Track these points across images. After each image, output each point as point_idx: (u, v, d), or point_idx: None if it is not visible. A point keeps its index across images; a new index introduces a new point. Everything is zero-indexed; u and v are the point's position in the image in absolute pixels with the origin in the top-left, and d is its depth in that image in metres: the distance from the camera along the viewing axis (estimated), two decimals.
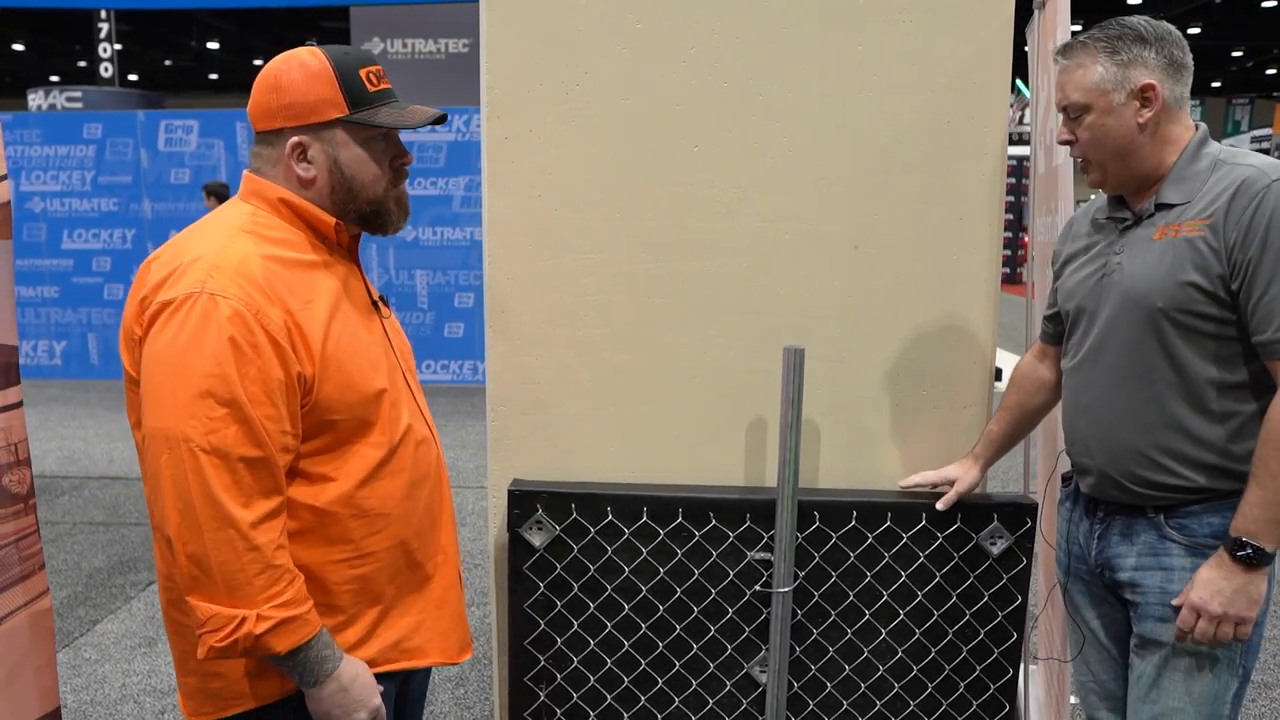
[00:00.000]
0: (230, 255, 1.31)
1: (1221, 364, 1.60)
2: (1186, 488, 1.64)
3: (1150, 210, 1.66)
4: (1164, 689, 1.68)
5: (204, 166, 7.70)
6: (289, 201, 1.41)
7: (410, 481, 1.46)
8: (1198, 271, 1.57)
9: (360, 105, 1.39)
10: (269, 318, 1.29)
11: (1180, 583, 1.66)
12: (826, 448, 2.08)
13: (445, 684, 3.13)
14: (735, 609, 2.03)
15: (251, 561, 1.25)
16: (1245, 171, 1.57)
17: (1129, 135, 1.63)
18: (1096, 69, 1.62)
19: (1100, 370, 1.71)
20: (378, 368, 1.43)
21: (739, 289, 2.03)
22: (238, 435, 1.25)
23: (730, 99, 1.97)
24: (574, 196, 2.01)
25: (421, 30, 11.43)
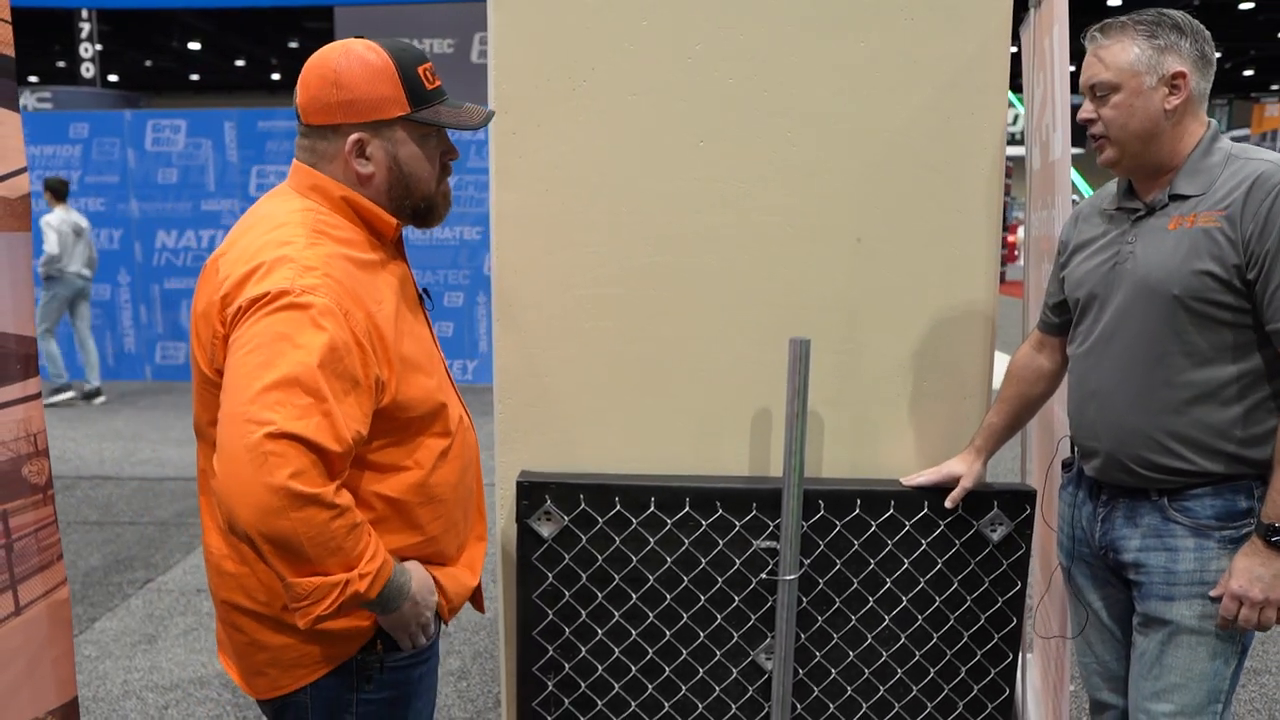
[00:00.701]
0: (314, 255, 1.31)
1: (1234, 352, 1.64)
2: (1193, 472, 1.68)
3: (1164, 201, 1.69)
4: (1166, 666, 1.72)
5: (192, 166, 7.68)
6: (352, 201, 1.41)
7: (462, 467, 1.51)
8: (1214, 261, 1.61)
9: (421, 103, 1.40)
10: (356, 319, 1.30)
11: (1184, 563, 1.70)
12: (830, 438, 2.12)
13: (448, 678, 3.14)
14: (741, 597, 2.06)
15: (340, 527, 1.26)
16: (1261, 166, 1.61)
17: (1154, 119, 1.66)
18: (1133, 49, 1.65)
19: (1111, 356, 1.74)
20: (435, 362, 1.48)
21: (744, 282, 2.06)
22: (319, 426, 1.24)
23: (734, 95, 2.01)
24: (580, 191, 2.04)
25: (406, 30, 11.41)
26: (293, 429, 1.22)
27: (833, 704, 2.11)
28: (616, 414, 2.11)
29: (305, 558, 1.25)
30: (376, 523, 1.39)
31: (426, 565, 1.49)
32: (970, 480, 2.00)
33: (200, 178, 7.65)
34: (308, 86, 1.39)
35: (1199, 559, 1.70)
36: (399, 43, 1.42)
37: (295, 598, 1.28)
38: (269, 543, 1.24)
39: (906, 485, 2.04)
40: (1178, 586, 1.71)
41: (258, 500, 1.22)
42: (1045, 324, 2.00)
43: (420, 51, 1.43)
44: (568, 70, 2.01)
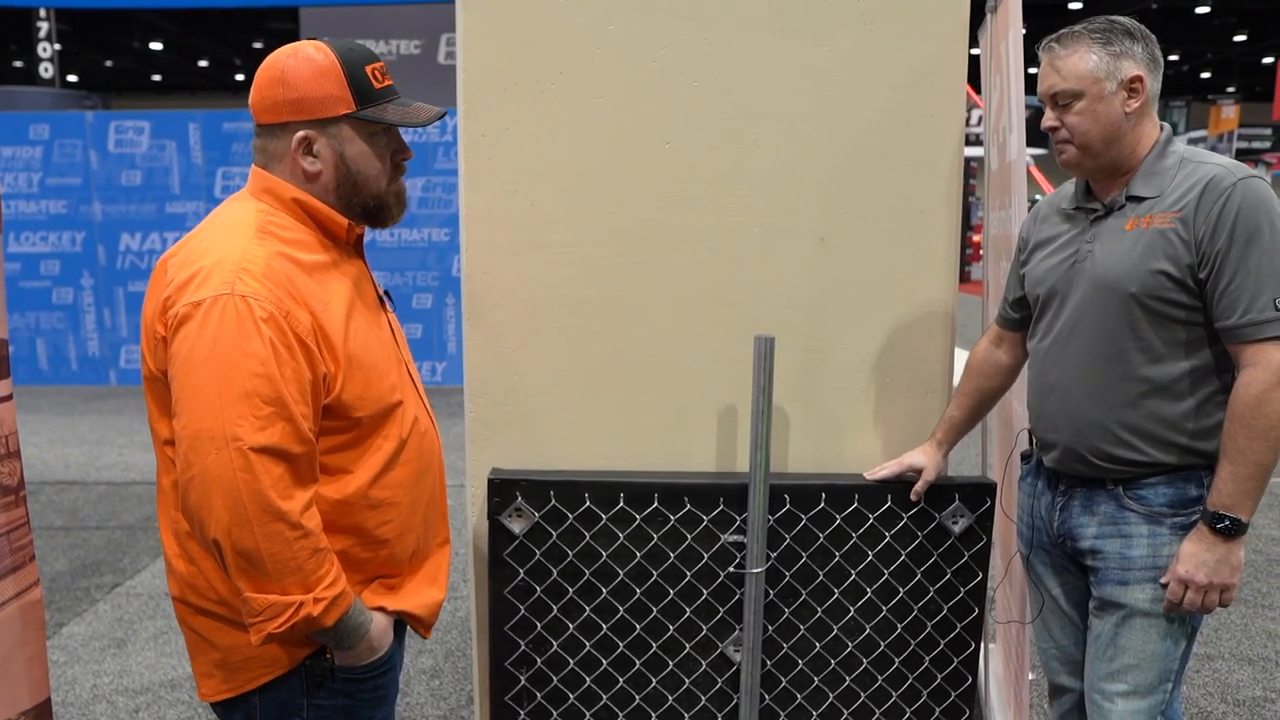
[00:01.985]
0: (256, 257, 1.33)
1: (1186, 348, 1.71)
2: (1146, 462, 1.75)
3: (1121, 202, 1.76)
4: (1120, 647, 1.79)
5: (156, 168, 7.60)
6: (303, 202, 1.43)
7: (418, 470, 1.50)
8: (1169, 261, 1.68)
9: (367, 102, 1.41)
10: (297, 319, 1.32)
11: (1138, 548, 1.78)
12: (796, 433, 2.16)
13: (420, 676, 3.16)
14: (710, 590, 2.10)
15: (303, 548, 1.29)
16: (1213, 170, 1.68)
17: (1116, 123, 1.73)
18: (1091, 57, 1.72)
19: (1071, 351, 1.80)
20: (390, 363, 1.47)
21: (710, 281, 2.10)
22: (284, 432, 1.28)
23: (700, 98, 2.05)
24: (549, 192, 2.07)
25: (373, 31, 11.36)
26: (259, 441, 1.26)
27: (800, 694, 2.16)
28: (586, 411, 2.14)
29: (266, 573, 1.28)
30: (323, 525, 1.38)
31: (382, 580, 1.50)
32: (931, 472, 2.05)
33: (165, 180, 7.58)
34: (258, 87, 1.42)
35: (1152, 545, 1.76)
36: (349, 43, 1.45)
37: (250, 613, 1.31)
38: (236, 554, 1.27)
39: (869, 479, 2.08)
40: (1132, 571, 1.78)
41: (227, 513, 1.26)
42: (1004, 319, 2.05)
43: (370, 52, 1.46)
44: (535, 74, 2.03)
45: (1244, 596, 3.89)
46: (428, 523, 1.56)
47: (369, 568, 1.47)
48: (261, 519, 1.26)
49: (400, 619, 1.54)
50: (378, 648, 1.45)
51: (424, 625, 1.58)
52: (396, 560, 1.50)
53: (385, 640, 1.47)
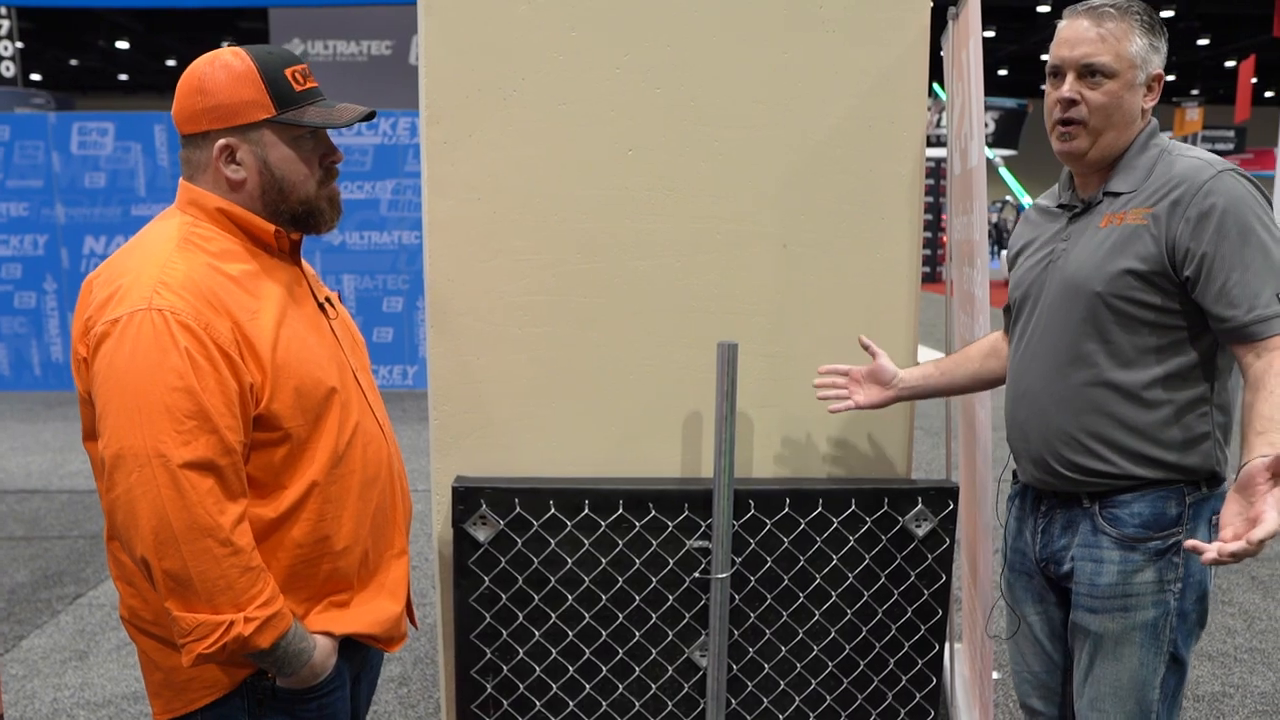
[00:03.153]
0: (174, 270, 1.31)
1: (1157, 353, 1.62)
2: (1114, 474, 1.66)
3: (1098, 198, 1.69)
4: (1095, 676, 1.71)
5: (121, 170, 7.50)
6: (227, 211, 1.41)
7: (362, 482, 1.47)
8: (1138, 259, 1.59)
9: (287, 105, 1.39)
10: (218, 330, 1.30)
11: (1106, 576, 1.68)
12: (760, 438, 2.17)
13: (388, 684, 3.14)
14: (675, 596, 2.10)
15: (232, 566, 1.28)
16: (1191, 162, 1.61)
17: (1132, 116, 1.65)
18: (1137, 40, 1.62)
19: (1039, 355, 1.72)
20: (327, 370, 1.43)
21: (674, 287, 2.10)
22: (208, 444, 1.27)
23: (663, 104, 2.05)
24: (513, 199, 2.06)
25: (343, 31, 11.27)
26: (185, 456, 1.25)
27: (766, 698, 2.16)
28: (550, 418, 2.14)
29: (195, 592, 1.27)
30: (258, 541, 1.36)
31: (332, 598, 1.47)
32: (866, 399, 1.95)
33: (130, 182, 7.48)
34: (178, 98, 1.40)
35: (1122, 572, 1.67)
36: (269, 48, 1.43)
37: (180, 633, 1.30)
38: (163, 573, 1.26)
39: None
40: (1098, 599, 1.69)
41: (152, 533, 1.25)
42: (1007, 327, 1.96)
43: (291, 54, 1.44)
44: (498, 81, 2.03)
45: None
46: (377, 534, 1.52)
47: (315, 584, 1.45)
48: (188, 536, 1.25)
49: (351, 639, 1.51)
50: (320, 672, 1.43)
51: (381, 642, 1.55)
52: (343, 574, 1.47)
53: (329, 664, 1.45)
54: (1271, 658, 3.37)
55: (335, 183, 1.51)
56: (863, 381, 2.00)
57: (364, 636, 1.52)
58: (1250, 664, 3.32)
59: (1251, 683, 3.20)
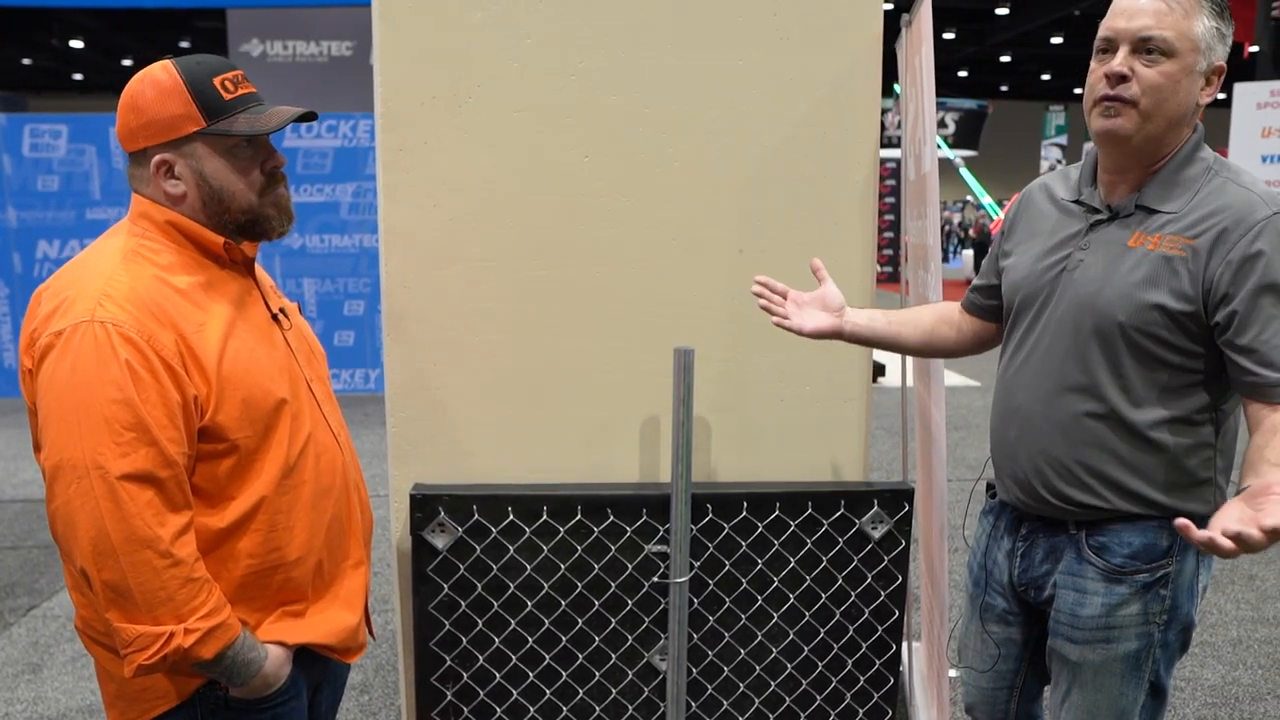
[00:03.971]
0: (119, 282, 1.32)
1: (1171, 394, 1.51)
2: (1107, 509, 1.58)
3: (1129, 209, 1.52)
4: (1074, 703, 1.66)
5: (75, 173, 7.37)
6: (177, 223, 1.41)
7: (315, 492, 1.47)
8: (1171, 294, 1.45)
9: (217, 115, 1.39)
10: (161, 342, 1.30)
11: (1090, 608, 1.61)
12: (717, 443, 2.18)
13: (350, 692, 3.12)
14: (634, 601, 2.11)
15: (173, 578, 1.28)
16: (1243, 195, 1.45)
17: (1186, 108, 1.47)
18: (1203, 21, 1.45)
19: (1041, 375, 1.60)
20: (277, 381, 1.43)
21: (630, 293, 2.11)
22: (148, 456, 1.27)
23: (618, 111, 2.06)
24: (469, 206, 2.06)
25: (303, 32, 11.15)
26: (123, 468, 1.25)
27: (726, 700, 2.18)
28: (508, 425, 2.14)
29: (135, 603, 1.28)
30: (207, 554, 1.36)
31: (286, 608, 1.47)
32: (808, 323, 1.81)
33: (85, 185, 7.35)
34: (118, 117, 1.41)
35: (1106, 605, 1.60)
36: (199, 57, 1.42)
37: (121, 644, 1.30)
38: (102, 584, 1.27)
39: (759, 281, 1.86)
40: (1080, 630, 1.62)
41: (91, 544, 1.26)
42: (969, 302, 1.87)
43: (222, 62, 1.43)
44: (453, 88, 2.03)
45: None
46: (333, 545, 1.52)
47: (268, 594, 1.45)
48: (126, 548, 1.25)
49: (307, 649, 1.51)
50: (273, 683, 1.43)
51: (338, 652, 1.55)
52: (297, 585, 1.47)
53: (282, 674, 1.44)
54: (1221, 651, 3.45)
55: (284, 188, 1.49)
56: (805, 305, 1.85)
57: (319, 647, 1.51)
58: (1201, 658, 3.39)
59: (1202, 676, 3.27)
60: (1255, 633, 3.59)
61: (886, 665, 2.22)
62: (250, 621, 1.43)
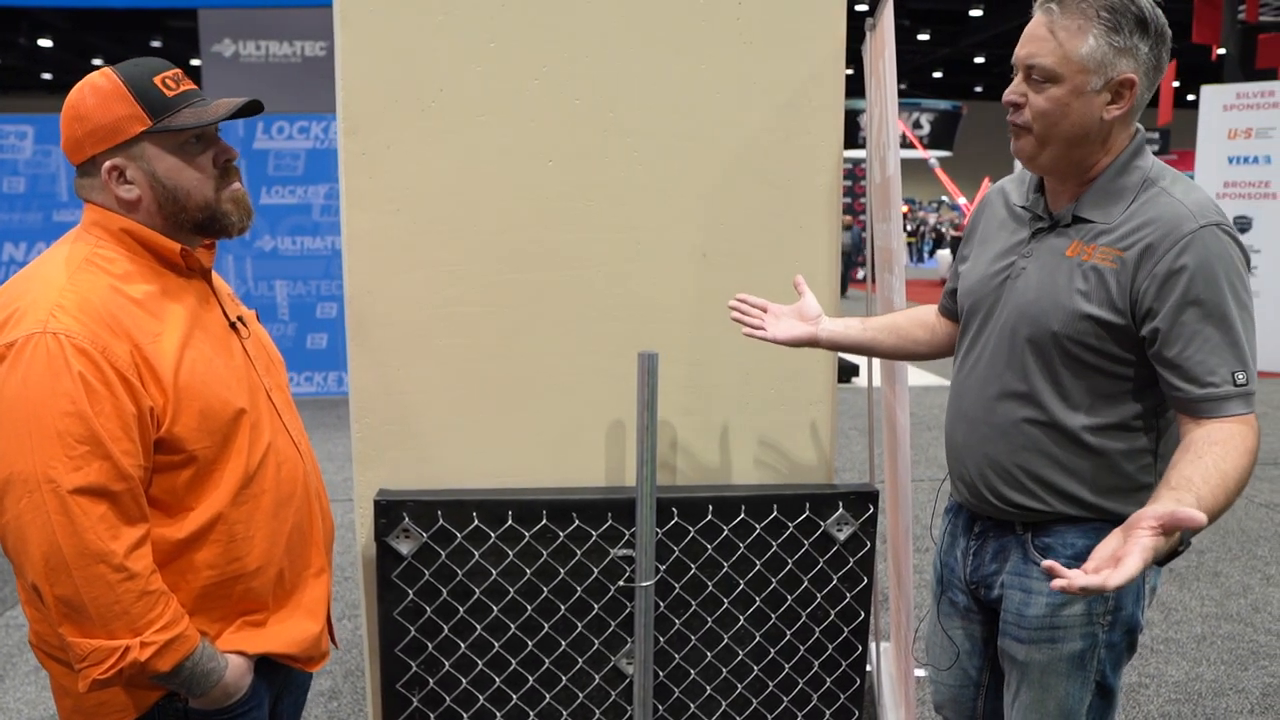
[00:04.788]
0: (72, 293, 1.30)
1: (1107, 400, 1.54)
2: (1048, 512, 1.61)
3: (1067, 219, 1.54)
4: (1023, 703, 1.68)
5: (41, 175, 7.28)
6: (131, 231, 1.39)
7: (275, 502, 1.46)
8: (1101, 305, 1.48)
9: (161, 112, 1.37)
10: (115, 353, 1.28)
11: (1035, 607, 1.63)
12: (683, 446, 2.19)
13: (318, 698, 3.10)
14: (600, 605, 2.11)
15: (127, 591, 1.27)
16: (1174, 207, 1.45)
17: (1087, 126, 1.47)
18: (1089, 40, 1.43)
19: (984, 381, 1.64)
20: (236, 391, 1.42)
21: (595, 297, 2.11)
22: (101, 470, 1.25)
23: (583, 116, 2.05)
24: (432, 211, 2.05)
25: (276, 32, 11.06)
26: (75, 482, 1.24)
27: (693, 703, 2.18)
28: (474, 429, 2.13)
29: (89, 617, 1.26)
30: (165, 565, 1.35)
31: (246, 618, 1.46)
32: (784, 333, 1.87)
33: (51, 187, 7.27)
34: (62, 130, 1.39)
35: (1050, 604, 1.62)
36: (135, 60, 1.41)
37: (75, 658, 1.29)
38: (55, 599, 1.25)
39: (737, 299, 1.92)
40: (1026, 630, 1.64)
41: (42, 559, 1.24)
42: (943, 306, 1.91)
43: (160, 62, 1.42)
44: (416, 91, 2.02)
45: None
46: (294, 554, 1.51)
47: (228, 605, 1.44)
48: (80, 563, 1.24)
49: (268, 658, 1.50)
50: (233, 692, 1.42)
51: (300, 661, 1.54)
52: (257, 595, 1.46)
53: (243, 684, 1.44)
54: (1185, 648, 3.49)
55: (238, 182, 1.47)
56: (781, 316, 1.89)
57: (281, 656, 1.50)
58: (1165, 654, 3.43)
59: (1166, 672, 3.31)
60: (1219, 629, 3.64)
61: (853, 666, 2.23)
62: (210, 632, 1.42)
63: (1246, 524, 4.85)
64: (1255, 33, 11.76)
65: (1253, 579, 4.13)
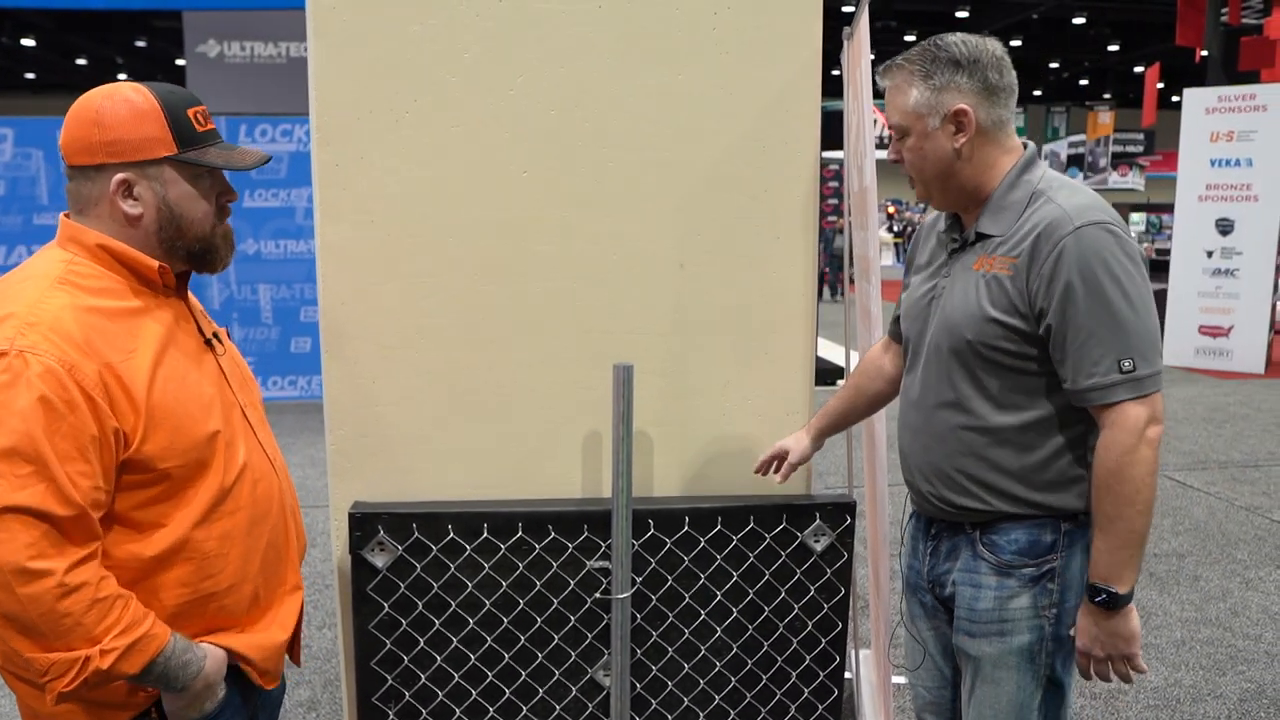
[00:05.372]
0: (44, 310, 1.30)
1: (1027, 398, 1.63)
2: (991, 512, 1.69)
3: (972, 237, 1.68)
4: (978, 698, 1.74)
5: (21, 178, 7.22)
6: (108, 247, 1.39)
7: (250, 519, 1.46)
8: (1005, 310, 1.59)
9: (189, 144, 1.40)
10: (83, 373, 1.28)
11: (984, 601, 1.70)
12: (660, 457, 2.18)
13: (297, 709, 3.08)
14: (577, 617, 2.10)
15: (75, 604, 1.25)
16: (1053, 212, 1.57)
17: (946, 159, 1.64)
18: (912, 93, 1.63)
19: (922, 393, 1.75)
20: (210, 409, 1.42)
21: (571, 308, 2.10)
22: (44, 492, 1.24)
23: (558, 126, 2.05)
24: (407, 222, 2.04)
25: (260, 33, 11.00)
26: (14, 501, 1.22)
27: (670, 715, 2.18)
28: (449, 441, 2.12)
29: (41, 633, 1.25)
30: (133, 584, 1.35)
31: (217, 632, 1.46)
32: (796, 456, 2.04)
33: (31, 190, 7.21)
34: (69, 127, 1.38)
35: (998, 598, 1.69)
36: (170, 87, 1.43)
37: (36, 673, 1.27)
38: (2, 618, 1.24)
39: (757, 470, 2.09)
40: (978, 624, 1.71)
41: None
42: (890, 332, 2.01)
43: (192, 96, 1.45)
44: (390, 102, 2.01)
45: None
46: (268, 572, 1.51)
47: (201, 621, 1.43)
48: (18, 581, 1.23)
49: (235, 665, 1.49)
50: (214, 682, 1.41)
51: (258, 670, 1.52)
52: (230, 612, 1.46)
53: (222, 676, 1.43)
54: (1165, 652, 3.51)
55: (227, 221, 1.51)
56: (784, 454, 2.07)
57: (239, 657, 1.48)
58: (1145, 659, 3.44)
59: (1145, 678, 3.32)
60: (1198, 634, 3.65)
61: (831, 677, 2.23)
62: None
63: (1227, 527, 4.88)
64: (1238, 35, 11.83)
65: (1232, 583, 4.15)
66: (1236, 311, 9.56)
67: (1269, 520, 4.99)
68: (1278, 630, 3.68)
